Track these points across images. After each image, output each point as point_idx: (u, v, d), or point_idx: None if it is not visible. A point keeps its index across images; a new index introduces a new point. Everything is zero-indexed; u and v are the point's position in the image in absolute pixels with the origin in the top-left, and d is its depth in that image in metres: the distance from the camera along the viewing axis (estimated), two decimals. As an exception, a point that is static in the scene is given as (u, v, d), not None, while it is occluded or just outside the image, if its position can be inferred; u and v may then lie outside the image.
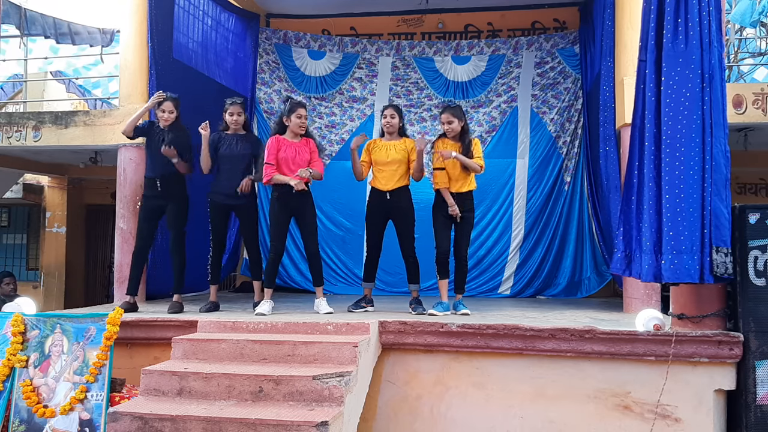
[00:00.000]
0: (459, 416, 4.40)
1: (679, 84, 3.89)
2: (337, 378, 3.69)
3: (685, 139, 3.85)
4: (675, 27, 3.94)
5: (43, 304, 9.50)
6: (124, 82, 6.30)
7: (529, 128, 7.75)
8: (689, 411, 4.12)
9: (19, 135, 7.07)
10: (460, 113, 5.20)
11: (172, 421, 3.50)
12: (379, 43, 8.26)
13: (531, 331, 4.28)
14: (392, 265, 6.71)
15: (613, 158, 5.75)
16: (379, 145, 5.39)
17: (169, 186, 5.35)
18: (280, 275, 7.77)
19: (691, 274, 3.81)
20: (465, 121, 5.24)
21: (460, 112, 5.20)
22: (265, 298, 5.18)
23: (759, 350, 4.00)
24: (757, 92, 5.89)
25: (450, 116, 5.17)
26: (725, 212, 3.85)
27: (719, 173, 3.86)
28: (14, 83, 10.42)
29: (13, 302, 4.83)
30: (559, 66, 7.81)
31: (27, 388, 4.22)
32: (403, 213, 5.33)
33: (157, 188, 5.33)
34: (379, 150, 5.36)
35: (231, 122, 5.48)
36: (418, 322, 4.48)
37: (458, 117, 5.17)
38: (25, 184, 10.21)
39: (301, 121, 5.17)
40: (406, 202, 5.34)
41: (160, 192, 5.33)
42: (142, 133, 5.39)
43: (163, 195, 5.34)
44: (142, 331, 4.74)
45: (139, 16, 6.15)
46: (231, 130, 5.52)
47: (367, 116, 8.09)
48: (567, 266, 7.49)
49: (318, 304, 5.21)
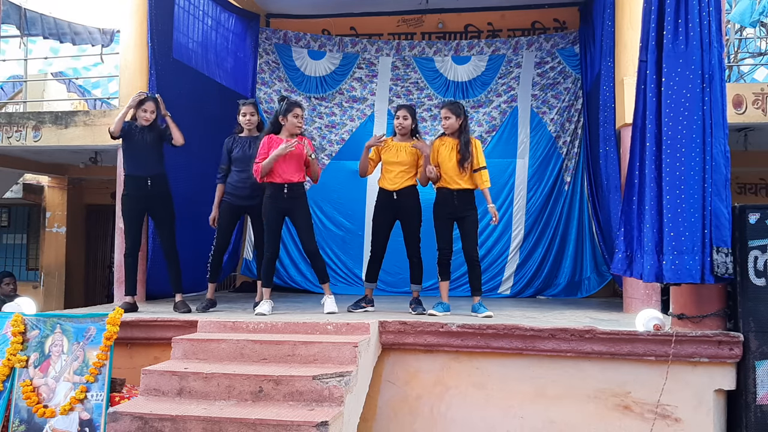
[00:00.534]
0: (459, 416, 4.40)
1: (680, 84, 3.89)
2: (337, 378, 3.69)
3: (685, 139, 3.85)
4: (675, 27, 3.94)
5: (43, 304, 9.50)
6: (124, 82, 6.30)
7: (529, 128, 7.75)
8: (689, 411, 4.12)
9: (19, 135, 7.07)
10: (459, 110, 5.17)
11: (172, 421, 3.50)
12: (379, 43, 8.26)
13: (531, 331, 4.28)
14: (393, 265, 6.71)
15: (613, 158, 5.75)
16: (390, 145, 5.37)
17: (157, 186, 5.32)
18: (280, 275, 7.79)
19: (692, 274, 3.82)
20: (464, 118, 5.21)
21: (458, 108, 5.18)
22: (264, 297, 5.18)
23: (759, 350, 4.00)
24: (757, 92, 5.90)
25: (448, 112, 5.16)
26: (725, 212, 3.85)
27: (719, 173, 3.86)
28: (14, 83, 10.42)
29: (13, 302, 4.83)
30: (559, 66, 7.81)
31: (27, 388, 4.22)
32: (409, 213, 5.32)
33: (147, 187, 5.27)
34: (390, 150, 5.35)
35: (244, 123, 5.47)
36: (418, 322, 4.48)
37: (456, 113, 5.14)
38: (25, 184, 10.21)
39: (298, 120, 5.15)
40: (413, 202, 5.33)
41: (149, 191, 5.28)
42: (122, 133, 5.33)
43: (153, 194, 5.30)
44: (142, 331, 4.74)
45: (139, 16, 6.14)
46: (245, 132, 5.51)
47: (367, 116, 8.09)
48: (567, 266, 7.49)
49: (323, 301, 5.21)
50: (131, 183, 5.35)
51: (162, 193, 5.36)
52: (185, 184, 6.23)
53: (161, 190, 5.36)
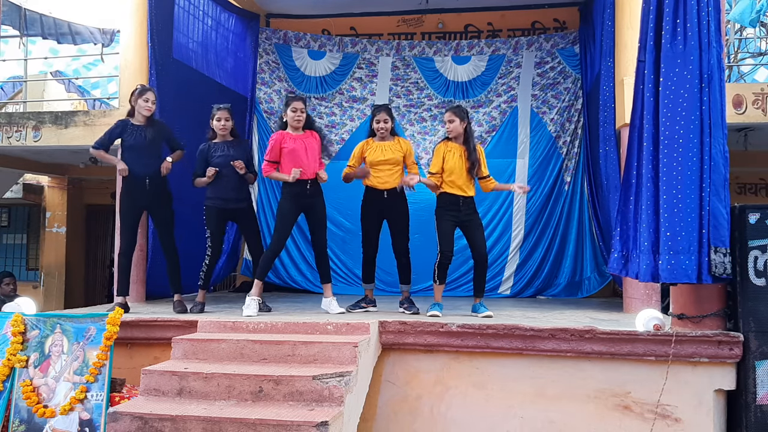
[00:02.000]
0: (459, 416, 4.40)
1: (678, 85, 3.89)
2: (337, 378, 3.69)
3: (683, 139, 3.85)
4: (674, 28, 3.94)
5: (43, 304, 9.51)
6: (124, 82, 6.30)
7: (529, 128, 7.75)
8: (689, 411, 4.12)
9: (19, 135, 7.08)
10: (462, 113, 5.15)
11: (172, 421, 3.50)
12: (379, 43, 8.26)
13: (531, 331, 4.28)
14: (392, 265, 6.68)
15: (613, 158, 5.75)
16: (373, 146, 5.38)
17: (157, 186, 5.29)
18: (280, 275, 7.79)
19: (688, 274, 3.81)
20: (468, 122, 5.17)
21: (461, 112, 5.16)
22: (254, 292, 5.07)
23: (759, 350, 4.00)
24: (757, 92, 5.90)
25: (452, 115, 5.13)
26: (724, 212, 3.85)
27: (718, 173, 3.86)
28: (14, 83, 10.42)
29: (13, 302, 4.82)
30: (559, 66, 7.81)
31: (27, 388, 4.22)
32: (399, 212, 5.33)
33: (146, 186, 5.24)
34: (374, 150, 5.34)
35: (219, 128, 5.40)
36: (418, 322, 4.49)
37: (459, 116, 5.11)
38: (25, 184, 10.22)
39: (297, 114, 5.14)
40: (402, 202, 5.35)
41: (148, 191, 5.25)
42: (117, 135, 5.30)
43: (151, 193, 5.27)
44: (142, 331, 4.74)
45: (139, 16, 6.15)
46: (219, 137, 5.45)
47: (366, 116, 8.05)
48: (567, 266, 7.50)
49: (328, 303, 5.19)
50: (129, 182, 5.30)
51: (161, 192, 5.33)
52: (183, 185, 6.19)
53: (160, 189, 5.32)
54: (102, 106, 10.25)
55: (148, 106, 5.27)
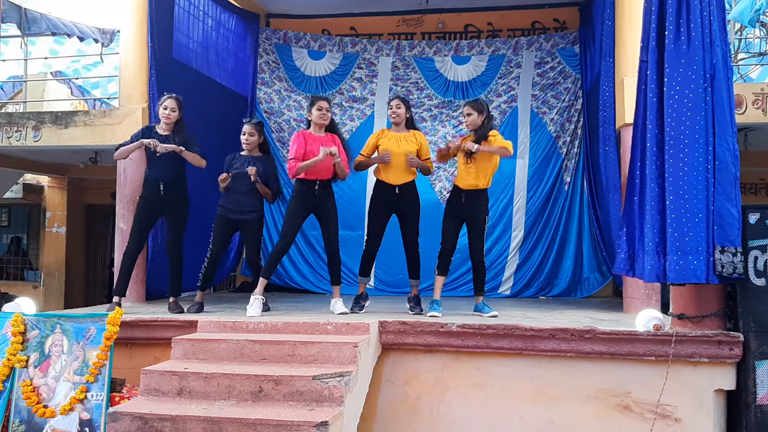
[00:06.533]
0: (459, 416, 4.40)
1: (682, 85, 3.88)
2: (337, 378, 3.69)
3: (688, 140, 3.85)
4: (677, 28, 3.93)
5: (43, 304, 9.50)
6: (124, 82, 6.30)
7: (529, 128, 7.75)
8: (689, 411, 4.12)
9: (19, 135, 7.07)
10: (481, 106, 5.11)
11: (172, 421, 3.49)
12: (379, 43, 8.26)
13: (531, 331, 4.28)
14: (392, 265, 6.72)
15: (612, 158, 5.75)
16: (389, 135, 5.30)
17: (172, 190, 5.29)
18: (280, 275, 7.78)
19: (696, 274, 3.81)
20: (487, 114, 5.12)
21: (479, 105, 5.13)
22: (258, 291, 5.06)
23: (759, 350, 4.00)
24: (757, 92, 5.90)
25: (470, 109, 5.10)
26: (733, 211, 3.84)
27: (727, 172, 3.84)
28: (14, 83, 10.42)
29: (13, 302, 4.83)
30: (559, 66, 7.81)
31: (27, 388, 4.22)
32: (410, 206, 5.28)
33: (160, 191, 5.26)
34: (389, 140, 5.26)
35: (243, 141, 5.47)
36: (418, 322, 4.48)
37: (478, 110, 5.07)
38: (25, 184, 10.22)
39: (322, 113, 5.13)
40: (414, 197, 5.31)
41: (162, 195, 5.27)
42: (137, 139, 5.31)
43: (166, 198, 5.28)
44: (142, 331, 4.74)
45: (139, 16, 6.14)
46: (245, 151, 5.50)
47: (367, 116, 8.09)
48: (567, 266, 7.49)
49: (333, 304, 5.19)
50: (146, 186, 5.39)
51: (175, 198, 5.33)
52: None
53: (175, 195, 5.32)
54: (102, 106, 10.25)
55: (166, 114, 5.29)
